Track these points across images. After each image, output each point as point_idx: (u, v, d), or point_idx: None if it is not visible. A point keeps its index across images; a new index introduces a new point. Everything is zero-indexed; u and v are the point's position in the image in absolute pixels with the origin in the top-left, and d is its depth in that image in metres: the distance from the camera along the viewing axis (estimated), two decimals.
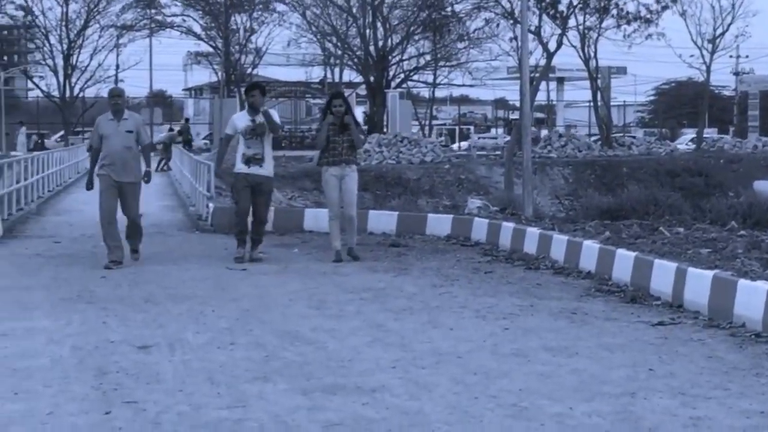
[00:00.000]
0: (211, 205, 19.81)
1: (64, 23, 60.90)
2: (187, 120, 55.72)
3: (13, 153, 44.01)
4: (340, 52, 58.27)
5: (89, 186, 14.53)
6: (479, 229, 16.91)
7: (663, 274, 11.07)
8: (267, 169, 14.74)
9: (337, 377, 7.67)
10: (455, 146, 61.95)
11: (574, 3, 42.16)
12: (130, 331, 9.42)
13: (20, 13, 61.26)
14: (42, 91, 64.58)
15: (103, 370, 7.92)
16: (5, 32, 66.03)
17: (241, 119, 14.83)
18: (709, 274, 10.29)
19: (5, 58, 68.40)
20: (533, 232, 15.10)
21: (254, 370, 7.91)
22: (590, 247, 13.15)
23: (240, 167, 14.70)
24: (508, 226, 16.00)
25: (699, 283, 10.33)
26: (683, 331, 9.46)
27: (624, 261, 12.08)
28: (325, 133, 14.55)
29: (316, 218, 18.56)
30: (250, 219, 14.91)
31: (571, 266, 13.34)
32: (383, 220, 18.48)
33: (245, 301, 11.17)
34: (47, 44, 61.91)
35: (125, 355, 8.45)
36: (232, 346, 8.78)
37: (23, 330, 9.52)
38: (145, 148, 14.56)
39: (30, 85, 73.63)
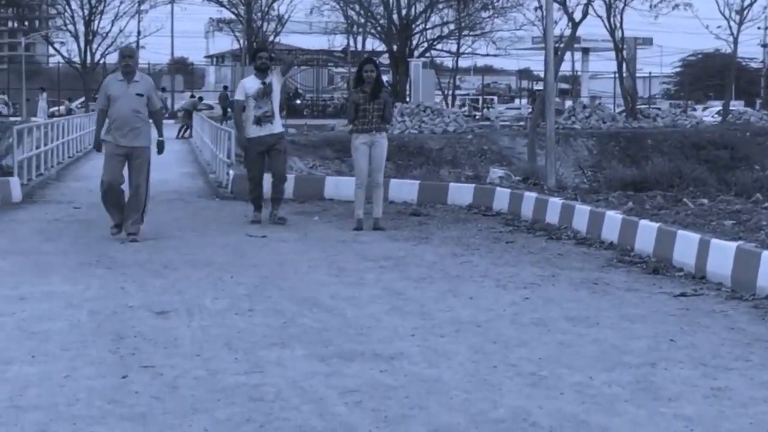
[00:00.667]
0: (231, 172, 19.77)
1: None
2: (225, 88, 55.30)
3: (33, 119, 44.03)
4: (363, 20, 58.01)
5: (98, 147, 13.61)
6: (501, 198, 16.83)
7: (686, 245, 10.98)
8: (278, 125, 15.07)
9: (355, 344, 7.63)
10: (478, 115, 61.69)
11: None
12: (148, 297, 9.40)
13: None
14: (63, 57, 64.32)
15: (121, 334, 7.91)
16: None
17: (251, 83, 15.05)
18: (733, 245, 10.20)
19: (26, 23, 67.96)
20: (555, 202, 15.01)
21: (272, 336, 7.89)
22: (613, 218, 13.06)
23: (252, 130, 14.91)
24: (530, 196, 15.91)
25: (722, 254, 10.25)
26: (705, 303, 9.39)
27: (647, 232, 11.98)
28: (353, 108, 14.42)
29: (337, 186, 18.54)
30: (267, 182, 15.17)
31: (594, 237, 13.26)
32: (404, 189, 18.42)
33: (264, 267, 11.13)
34: (68, 10, 61.56)
35: (143, 320, 8.44)
36: (251, 313, 8.76)
37: (42, 294, 9.51)
38: (156, 114, 13.52)
39: (51, 51, 73.49)
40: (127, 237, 13.06)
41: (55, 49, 67.24)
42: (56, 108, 59.81)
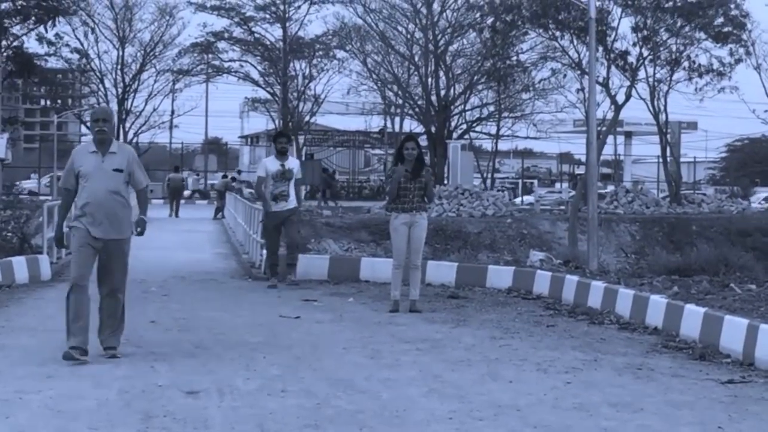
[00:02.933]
0: (264, 252, 19.57)
1: (119, 67, 60.69)
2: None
3: None
4: (400, 101, 57.89)
5: (59, 243, 11.63)
6: (542, 282, 16.52)
7: (733, 330, 10.67)
8: (292, 202, 17.11)
9: (390, 427, 7.40)
10: (518, 200, 61.31)
11: (644, 54, 41.50)
12: (178, 376, 9.20)
13: (75, 57, 60.86)
14: None
15: (150, 413, 7.72)
16: (60, 76, 65.66)
17: (271, 163, 17.19)
18: None
19: (59, 101, 68.19)
20: (598, 285, 14.71)
21: (305, 417, 7.66)
22: (657, 302, 12.75)
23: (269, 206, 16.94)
24: (571, 279, 15.61)
25: None
26: (754, 390, 9.08)
27: (693, 317, 11.67)
28: (396, 183, 14.16)
29: (373, 268, 18.27)
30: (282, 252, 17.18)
31: (637, 321, 12.94)
32: (442, 271, 18.15)
33: (297, 348, 10.91)
34: (102, 88, 61.55)
35: (173, 399, 8.24)
36: (283, 393, 8.54)
37: (69, 372, 9.35)
38: (140, 193, 10.57)
39: (83, 129, 73.76)
40: (105, 352, 10.22)
41: (88, 127, 67.06)
42: None
